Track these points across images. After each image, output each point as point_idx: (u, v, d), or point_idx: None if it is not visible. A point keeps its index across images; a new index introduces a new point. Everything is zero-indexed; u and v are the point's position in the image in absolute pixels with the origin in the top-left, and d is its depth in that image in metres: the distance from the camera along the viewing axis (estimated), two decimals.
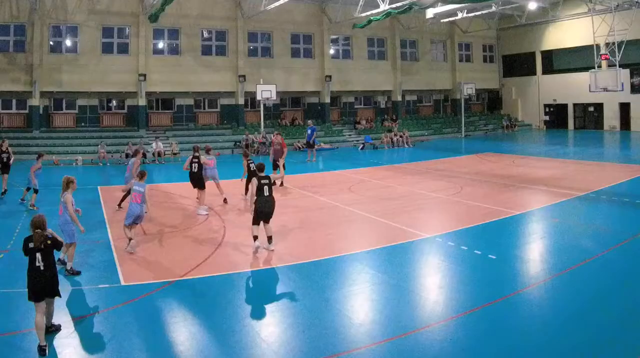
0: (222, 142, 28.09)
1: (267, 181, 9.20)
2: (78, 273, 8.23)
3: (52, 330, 6.09)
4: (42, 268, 5.80)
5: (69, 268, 8.24)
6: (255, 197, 9.05)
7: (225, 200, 13.70)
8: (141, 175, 9.98)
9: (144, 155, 24.62)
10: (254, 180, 9.16)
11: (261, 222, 9.17)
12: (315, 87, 31.78)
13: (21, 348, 5.79)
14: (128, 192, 12.04)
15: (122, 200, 12.94)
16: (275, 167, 16.66)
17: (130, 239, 9.42)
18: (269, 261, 8.96)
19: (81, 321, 6.54)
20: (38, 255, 5.81)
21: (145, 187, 9.61)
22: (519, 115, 39.14)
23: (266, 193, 9.10)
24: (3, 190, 14.77)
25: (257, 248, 9.10)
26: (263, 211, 9.07)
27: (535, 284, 7.65)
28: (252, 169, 12.73)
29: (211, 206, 13.16)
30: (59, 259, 8.15)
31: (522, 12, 32.71)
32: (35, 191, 13.32)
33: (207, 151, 13.93)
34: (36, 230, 5.89)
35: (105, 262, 8.91)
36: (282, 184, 16.14)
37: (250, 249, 9.27)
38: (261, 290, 7.89)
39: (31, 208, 12.82)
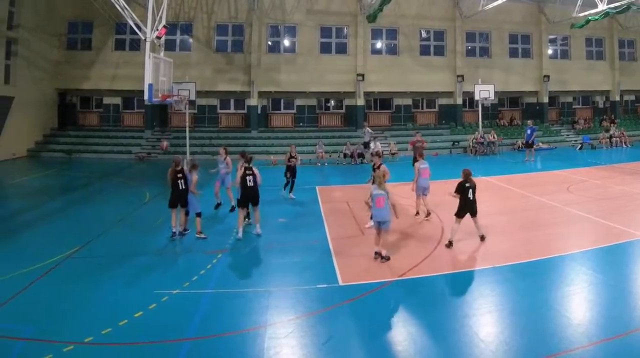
0: (440, 142, 27.35)
1: (472, 183, 9.87)
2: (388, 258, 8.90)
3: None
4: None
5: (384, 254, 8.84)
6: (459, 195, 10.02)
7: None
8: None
9: (361, 155, 24.22)
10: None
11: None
12: (533, 87, 30.60)
13: (239, 349, 5.84)
14: None
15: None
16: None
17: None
18: (486, 261, 8.90)
19: (300, 320, 6.63)
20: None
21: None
22: None
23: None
24: (179, 230, 10.26)
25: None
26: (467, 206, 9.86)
27: None
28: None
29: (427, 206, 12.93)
30: None
31: None
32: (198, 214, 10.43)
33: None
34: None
35: (323, 261, 8.92)
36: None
37: (467, 248, 9.59)
38: (478, 289, 7.74)
39: (198, 235, 10.33)
